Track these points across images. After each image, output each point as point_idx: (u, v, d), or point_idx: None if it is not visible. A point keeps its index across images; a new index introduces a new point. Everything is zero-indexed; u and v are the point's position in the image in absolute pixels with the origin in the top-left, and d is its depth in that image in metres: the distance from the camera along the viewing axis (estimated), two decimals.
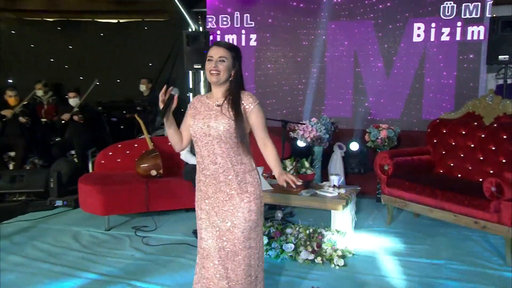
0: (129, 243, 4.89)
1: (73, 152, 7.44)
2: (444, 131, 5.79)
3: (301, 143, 6.31)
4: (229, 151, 2.86)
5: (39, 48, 9.37)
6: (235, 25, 8.39)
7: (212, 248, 2.94)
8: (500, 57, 6.43)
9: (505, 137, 5.17)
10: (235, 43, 8.20)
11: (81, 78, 8.91)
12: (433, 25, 7.46)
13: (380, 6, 7.56)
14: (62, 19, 9.31)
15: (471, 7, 7.13)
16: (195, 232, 4.91)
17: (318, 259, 4.21)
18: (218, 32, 8.47)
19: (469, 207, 4.61)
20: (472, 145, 5.48)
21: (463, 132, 5.60)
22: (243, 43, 8.35)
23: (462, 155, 5.57)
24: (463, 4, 7.14)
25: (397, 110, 7.59)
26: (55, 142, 7.88)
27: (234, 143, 2.86)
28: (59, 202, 6.02)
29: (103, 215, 5.28)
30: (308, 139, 5.95)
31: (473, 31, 7.19)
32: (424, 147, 6.05)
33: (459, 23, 7.25)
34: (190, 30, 8.55)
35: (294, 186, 2.90)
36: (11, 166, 7.47)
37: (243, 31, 8.39)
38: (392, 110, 7.63)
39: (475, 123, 5.52)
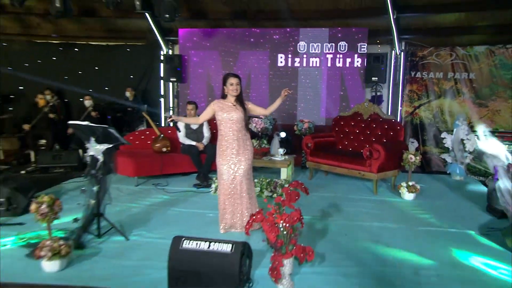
0: (153, 192, 6.10)
1: None
2: (342, 123, 7.32)
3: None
4: (240, 128, 4.52)
5: (45, 64, 9.68)
6: (201, 51, 9.20)
7: (229, 180, 4.47)
8: (373, 78, 8.09)
9: (374, 125, 6.84)
10: (200, 63, 9.21)
11: (77, 86, 9.21)
12: (331, 56, 8.69)
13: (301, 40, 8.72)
14: (63, 41, 9.70)
15: (354, 46, 8.50)
16: (196, 185, 6.28)
17: (274, 195, 5.67)
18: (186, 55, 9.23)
19: (356, 164, 6.22)
20: (357, 131, 7.07)
21: (352, 124, 7.19)
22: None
23: (352, 137, 7.14)
24: (352, 44, 8.47)
25: (312, 112, 8.83)
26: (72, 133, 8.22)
27: (242, 125, 4.51)
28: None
29: (133, 176, 6.44)
30: (259, 128, 7.09)
31: (357, 61, 8.55)
32: (330, 133, 7.40)
33: (348, 56, 8.57)
34: (164, 53, 9.43)
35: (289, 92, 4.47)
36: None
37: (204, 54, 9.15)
38: (309, 112, 8.84)
39: (359, 118, 7.10)
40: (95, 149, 4.25)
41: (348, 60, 8.66)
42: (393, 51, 8.66)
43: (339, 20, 8.56)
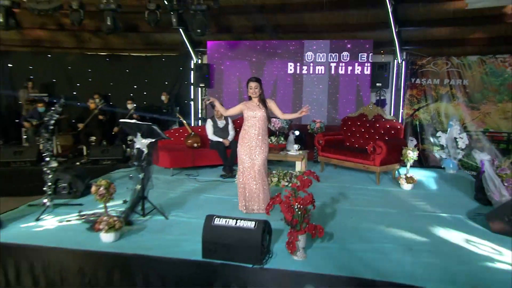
0: (186, 181, 6.24)
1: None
2: (349, 123, 7.36)
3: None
4: (261, 125, 4.71)
5: (95, 72, 9.98)
6: (226, 60, 9.32)
7: (249, 168, 4.69)
8: (377, 84, 8.21)
9: (377, 125, 6.88)
10: (226, 70, 9.37)
11: (122, 92, 9.64)
12: (342, 64, 8.76)
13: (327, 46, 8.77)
14: (110, 53, 10.01)
15: (364, 56, 8.59)
16: (222, 176, 6.42)
17: (289, 185, 5.66)
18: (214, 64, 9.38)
19: (361, 159, 6.31)
20: (363, 130, 7.12)
21: (358, 123, 7.20)
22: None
23: (358, 135, 7.18)
24: (359, 54, 8.58)
25: (323, 114, 8.94)
26: (117, 131, 8.75)
27: (264, 122, 4.70)
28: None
29: (169, 167, 6.64)
30: (276, 127, 7.06)
31: (362, 69, 8.63)
32: (339, 131, 7.45)
33: (357, 64, 8.65)
34: (194, 62, 9.64)
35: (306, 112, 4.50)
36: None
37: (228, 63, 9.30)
38: (321, 114, 8.90)
39: (364, 119, 7.14)
40: (141, 143, 4.51)
41: (356, 68, 8.74)
42: (395, 60, 8.70)
43: (348, 33, 8.66)
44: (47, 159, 4.72)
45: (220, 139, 6.89)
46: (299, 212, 3.58)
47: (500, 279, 3.29)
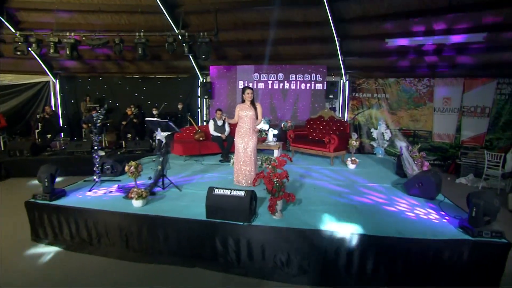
0: (194, 165, 5.87)
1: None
2: (311, 122, 7.07)
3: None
4: (252, 121, 4.44)
5: (131, 89, 9.66)
6: (223, 79, 8.93)
7: (242, 153, 4.44)
8: (330, 96, 8.05)
9: (331, 123, 6.67)
10: (223, 86, 8.92)
11: (149, 102, 9.26)
12: (303, 82, 8.47)
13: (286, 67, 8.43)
14: (141, 76, 9.62)
15: (318, 76, 8.37)
16: (220, 161, 6.07)
17: (270, 166, 5.77)
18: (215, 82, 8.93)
19: (320, 147, 6.05)
20: (321, 127, 6.86)
21: (318, 122, 6.94)
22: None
23: (317, 131, 6.90)
24: (317, 75, 8.35)
25: (293, 116, 8.50)
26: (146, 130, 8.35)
27: (253, 119, 4.44)
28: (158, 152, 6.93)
29: (182, 155, 6.35)
30: (259, 126, 6.90)
31: (319, 86, 8.39)
32: (304, 128, 7.12)
33: (314, 82, 8.41)
34: (200, 81, 9.29)
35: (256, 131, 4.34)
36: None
37: (225, 81, 8.92)
38: (291, 117, 8.53)
39: (322, 119, 6.91)
40: (161, 135, 4.22)
41: (314, 85, 8.55)
42: (341, 80, 8.55)
43: (310, 60, 8.43)
44: (95, 148, 4.41)
45: (219, 134, 6.58)
46: (277, 184, 3.37)
47: (414, 226, 3.21)
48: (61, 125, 9.59)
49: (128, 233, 3.47)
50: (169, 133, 4.19)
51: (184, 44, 6.60)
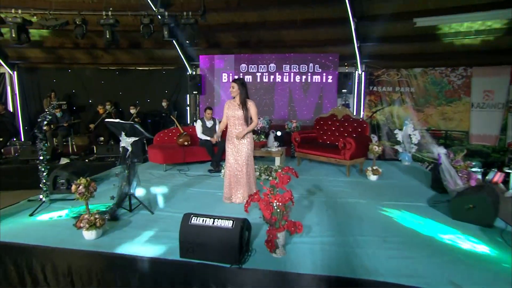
0: (177, 176, 5.30)
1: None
2: (321, 122, 6.51)
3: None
4: (241, 123, 3.89)
5: (106, 84, 9.12)
6: (215, 71, 8.39)
7: (233, 163, 3.88)
8: (343, 90, 7.57)
9: (346, 124, 6.10)
10: (215, 79, 8.42)
11: (128, 99, 8.70)
12: (310, 74, 7.97)
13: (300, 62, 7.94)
14: (119, 67, 9.11)
15: (329, 66, 7.84)
16: (209, 171, 5.50)
17: (270, 178, 4.87)
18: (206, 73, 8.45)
19: (333, 153, 5.44)
20: (333, 128, 6.29)
21: (329, 123, 6.38)
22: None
23: (329, 133, 6.34)
24: (327, 65, 7.83)
25: (298, 115, 8.02)
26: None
27: (243, 121, 3.86)
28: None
29: (162, 163, 5.68)
30: (258, 127, 6.18)
31: (330, 78, 7.85)
32: (313, 130, 6.59)
33: (325, 74, 7.92)
34: (189, 73, 8.71)
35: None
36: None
37: (222, 73, 8.39)
38: (296, 115, 8.06)
39: (334, 118, 6.35)
40: (126, 142, 3.55)
41: (324, 77, 8.00)
42: (356, 71, 8.00)
43: (318, 48, 7.87)
44: (41, 157, 3.75)
45: (208, 138, 5.95)
46: (278, 210, 2.68)
47: (475, 270, 2.51)
48: (20, 126, 8.99)
49: (75, 278, 2.84)
50: (136, 139, 3.50)
51: (163, 27, 5.90)
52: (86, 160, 6.75)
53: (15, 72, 9.13)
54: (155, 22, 6.07)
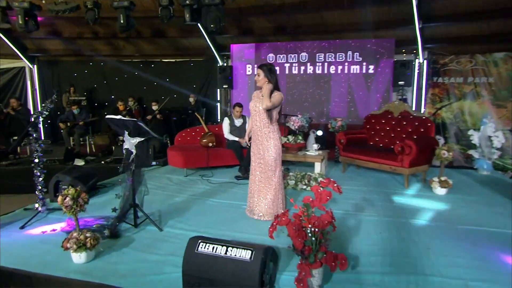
0: (198, 183, 4.96)
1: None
2: (373, 121, 5.86)
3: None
4: (264, 118, 3.31)
5: (129, 77, 9.01)
6: (248, 62, 8.13)
7: (257, 166, 3.41)
8: (399, 82, 6.89)
9: (405, 123, 5.42)
10: (247, 71, 8.13)
11: (153, 94, 8.63)
12: (359, 64, 7.40)
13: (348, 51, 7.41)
14: (143, 60, 9.00)
15: (383, 54, 7.22)
16: (237, 177, 5.11)
17: (308, 188, 4.49)
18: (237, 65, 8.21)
19: (387, 159, 4.80)
20: (388, 128, 5.63)
21: (383, 121, 5.73)
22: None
23: (382, 134, 5.69)
24: (380, 53, 7.23)
25: (344, 112, 7.53)
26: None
27: (266, 116, 3.29)
28: (154, 163, 6.00)
29: (183, 168, 5.39)
30: (296, 126, 5.49)
31: (384, 68, 7.20)
32: (361, 130, 5.97)
33: (377, 63, 7.28)
34: (219, 65, 8.44)
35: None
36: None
37: (252, 65, 8.09)
38: (342, 112, 7.56)
39: (389, 116, 5.68)
40: (129, 143, 3.17)
41: (377, 66, 7.35)
42: (416, 59, 7.26)
43: (369, 32, 7.15)
44: (36, 160, 3.49)
45: (236, 138, 5.54)
46: (313, 238, 2.12)
47: None
48: (40, 124, 9.05)
49: None
50: (141, 139, 3.11)
51: (184, 8, 5.52)
52: (102, 162, 6.63)
53: (35, 66, 9.25)
54: (176, 4, 5.70)
